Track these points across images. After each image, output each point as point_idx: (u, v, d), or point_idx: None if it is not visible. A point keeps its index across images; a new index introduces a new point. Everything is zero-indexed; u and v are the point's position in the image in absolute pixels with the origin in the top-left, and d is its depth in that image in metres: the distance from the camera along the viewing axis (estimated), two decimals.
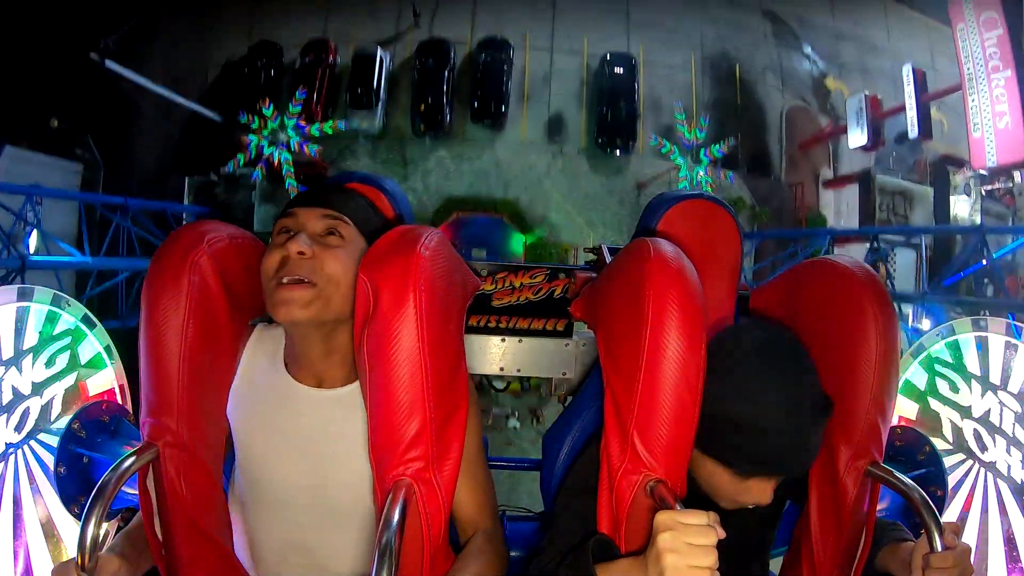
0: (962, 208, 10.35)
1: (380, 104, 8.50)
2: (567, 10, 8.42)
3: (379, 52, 8.41)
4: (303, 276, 1.00)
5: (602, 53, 8.36)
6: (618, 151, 8.38)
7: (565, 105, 8.48)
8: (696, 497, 1.07)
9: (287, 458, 1.09)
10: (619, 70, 8.26)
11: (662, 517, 0.83)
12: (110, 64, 7.32)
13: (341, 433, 1.08)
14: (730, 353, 1.01)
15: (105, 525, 1.33)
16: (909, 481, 1.04)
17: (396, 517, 0.86)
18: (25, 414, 1.41)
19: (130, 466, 0.94)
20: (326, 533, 1.11)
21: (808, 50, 9.57)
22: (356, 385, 1.09)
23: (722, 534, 0.82)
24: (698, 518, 0.82)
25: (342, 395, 1.09)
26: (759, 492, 1.00)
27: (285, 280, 1.00)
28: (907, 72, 9.40)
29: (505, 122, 8.38)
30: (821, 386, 1.01)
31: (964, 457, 1.62)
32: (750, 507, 1.13)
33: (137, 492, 1.01)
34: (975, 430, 1.59)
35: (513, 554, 1.48)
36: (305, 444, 1.08)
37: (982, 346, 1.58)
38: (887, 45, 10.28)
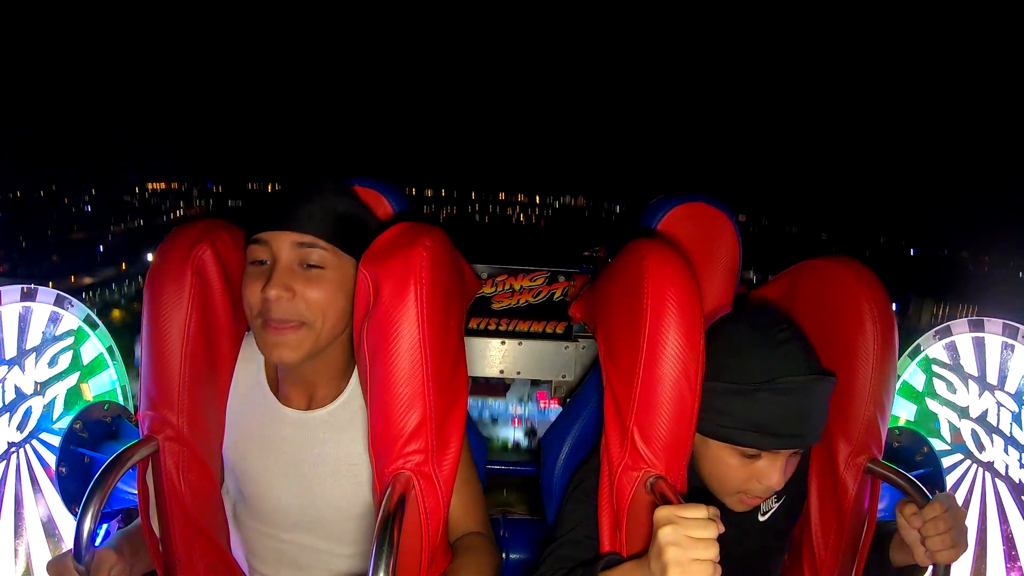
0: None
1: None
2: None
3: None
4: (288, 317, 0.98)
5: None
6: None
7: None
8: (696, 493, 1.07)
9: (276, 477, 1.08)
10: None
11: (662, 512, 0.83)
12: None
13: (328, 454, 1.07)
14: (720, 330, 1.03)
15: (105, 526, 1.33)
16: (910, 477, 1.04)
17: (395, 510, 0.84)
18: (27, 413, 1.42)
19: (129, 459, 0.93)
20: (316, 551, 1.10)
21: None
22: (343, 401, 1.08)
23: (722, 528, 0.82)
24: (698, 511, 0.81)
25: (328, 416, 1.08)
26: (768, 472, 0.99)
27: (272, 320, 0.98)
28: None
29: None
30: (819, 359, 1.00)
31: (962, 457, 1.62)
32: (760, 515, 1.13)
33: (136, 491, 1.01)
34: (973, 430, 1.59)
35: (513, 556, 1.48)
36: (293, 465, 1.07)
37: (979, 346, 1.58)
38: None
